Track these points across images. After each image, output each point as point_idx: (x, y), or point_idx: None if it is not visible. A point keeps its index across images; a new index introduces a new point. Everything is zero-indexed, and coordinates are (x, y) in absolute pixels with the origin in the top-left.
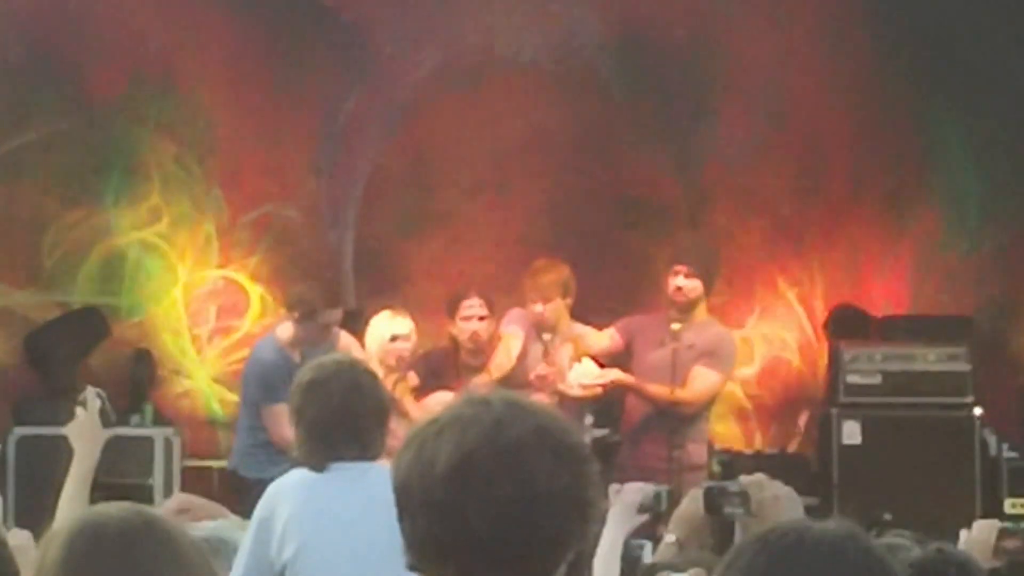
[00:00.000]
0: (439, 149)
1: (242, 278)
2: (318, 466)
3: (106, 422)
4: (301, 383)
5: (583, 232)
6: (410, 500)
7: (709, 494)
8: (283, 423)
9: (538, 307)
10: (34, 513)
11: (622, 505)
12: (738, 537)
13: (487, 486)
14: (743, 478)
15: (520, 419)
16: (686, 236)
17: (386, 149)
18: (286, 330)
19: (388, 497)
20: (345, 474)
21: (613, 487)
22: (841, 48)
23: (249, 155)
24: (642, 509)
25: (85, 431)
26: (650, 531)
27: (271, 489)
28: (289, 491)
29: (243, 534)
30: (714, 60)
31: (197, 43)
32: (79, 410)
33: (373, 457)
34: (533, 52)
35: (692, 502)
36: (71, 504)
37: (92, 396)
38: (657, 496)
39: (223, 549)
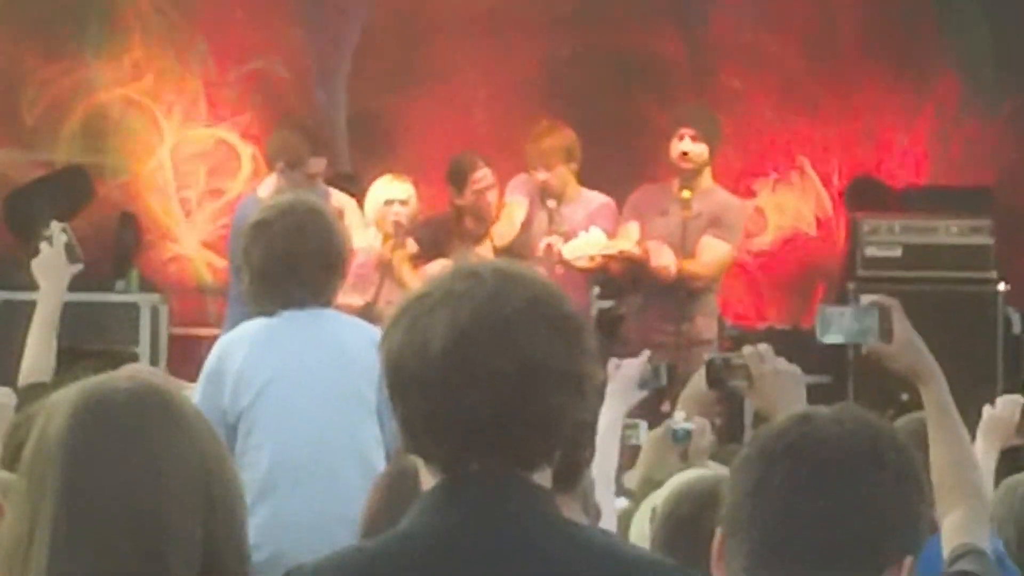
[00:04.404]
0: (431, 6)
1: (233, 137)
2: (267, 311)
3: (72, 257)
4: (248, 223)
5: (583, 90)
6: (403, 381)
7: (711, 366)
8: None
9: (541, 174)
10: (11, 378)
11: (621, 381)
12: (747, 415)
13: (483, 364)
14: (746, 348)
15: (514, 292)
16: (688, 101)
17: (375, 3)
18: (267, 187)
19: (344, 342)
20: (297, 321)
21: (612, 362)
22: None
23: (233, 7)
24: (641, 384)
25: (50, 267)
26: (655, 409)
27: (221, 342)
28: (240, 342)
29: None
30: None
31: None
32: (44, 246)
33: (324, 303)
34: None
35: (701, 380)
36: (38, 343)
37: (57, 231)
38: (656, 371)
39: None
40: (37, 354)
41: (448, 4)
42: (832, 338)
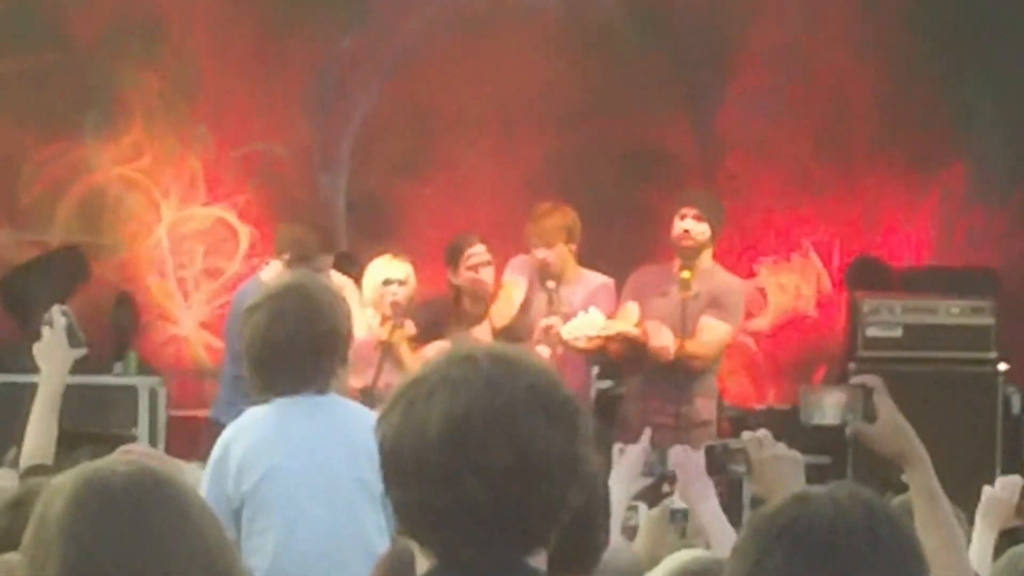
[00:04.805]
0: (439, 94)
1: (231, 216)
2: (261, 399)
3: (74, 341)
4: (243, 309)
5: (589, 180)
6: (399, 466)
7: (711, 452)
8: None
9: (541, 252)
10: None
11: (625, 468)
12: (746, 496)
13: (482, 451)
14: (745, 434)
15: (510, 378)
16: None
17: (382, 92)
18: (271, 271)
19: (346, 427)
20: (297, 407)
21: (617, 447)
22: (869, 5)
23: (236, 93)
24: (646, 472)
25: (52, 351)
26: (656, 491)
27: (225, 432)
28: (244, 429)
29: None
30: (734, 14)
31: None
32: (45, 330)
33: (320, 389)
34: (540, 4)
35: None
36: (39, 427)
37: (58, 314)
38: (661, 457)
39: None
40: (38, 438)
41: (454, 95)
42: (817, 420)
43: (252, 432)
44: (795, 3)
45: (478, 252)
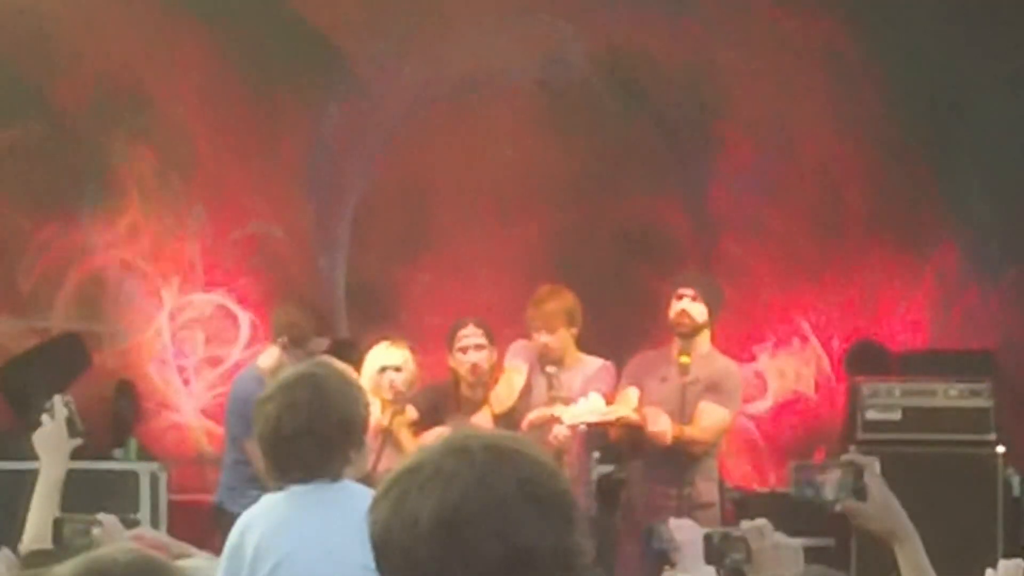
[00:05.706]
0: (429, 173)
1: (231, 303)
2: (275, 487)
3: (73, 431)
4: (256, 400)
5: (586, 261)
6: (390, 556)
7: (709, 541)
8: None
9: (543, 337)
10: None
11: None
12: None
13: (473, 546)
14: (744, 524)
15: (504, 472)
16: (690, 269)
17: (376, 170)
18: (268, 358)
19: (356, 514)
20: (308, 496)
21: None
22: (850, 88)
23: (232, 171)
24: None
25: (52, 440)
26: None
27: (241, 518)
28: (259, 516)
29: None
30: (712, 88)
31: (168, 54)
32: (45, 419)
33: (333, 477)
34: (520, 73)
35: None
36: (41, 514)
37: (59, 404)
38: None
39: None
40: (40, 525)
41: (449, 175)
42: (807, 496)
43: (266, 519)
44: (770, 77)
45: (468, 334)
